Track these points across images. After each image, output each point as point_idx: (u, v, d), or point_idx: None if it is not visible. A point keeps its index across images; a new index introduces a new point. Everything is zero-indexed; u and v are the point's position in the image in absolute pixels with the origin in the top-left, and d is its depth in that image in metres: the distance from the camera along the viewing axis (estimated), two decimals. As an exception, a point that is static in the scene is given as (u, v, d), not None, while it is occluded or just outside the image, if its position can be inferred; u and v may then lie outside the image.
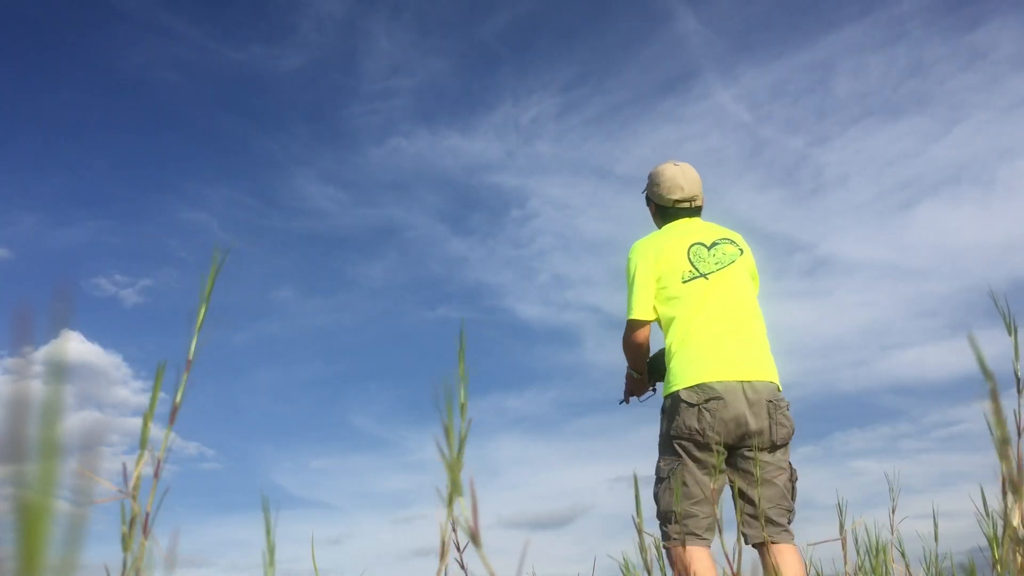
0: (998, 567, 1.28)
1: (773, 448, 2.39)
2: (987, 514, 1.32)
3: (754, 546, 2.35)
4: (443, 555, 0.71)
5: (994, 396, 0.55)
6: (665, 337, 2.59)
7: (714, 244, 2.66)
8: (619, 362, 2.83)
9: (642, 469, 2.50)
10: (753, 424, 2.35)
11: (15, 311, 0.33)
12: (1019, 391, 1.04)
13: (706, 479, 2.37)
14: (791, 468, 2.45)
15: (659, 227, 2.79)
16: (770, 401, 2.39)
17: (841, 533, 1.74)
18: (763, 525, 2.32)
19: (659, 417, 2.55)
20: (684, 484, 2.35)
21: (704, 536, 2.33)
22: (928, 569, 2.02)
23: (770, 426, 2.36)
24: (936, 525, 2.03)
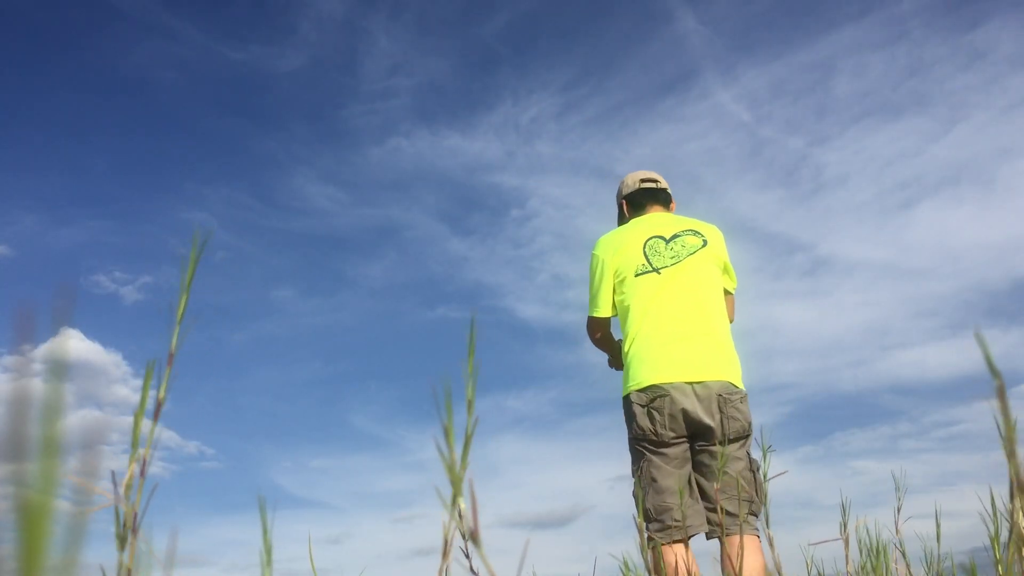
0: (1000, 567, 1.27)
1: (727, 442, 2.40)
2: (994, 514, 1.31)
3: (719, 539, 2.34)
4: (445, 555, 0.71)
5: (1001, 394, 0.54)
6: (622, 333, 2.62)
7: (674, 236, 2.62)
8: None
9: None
10: (705, 419, 2.37)
11: (16, 309, 0.32)
12: None
13: (674, 471, 2.39)
14: (749, 458, 2.44)
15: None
16: (720, 395, 2.39)
17: (843, 533, 1.74)
18: (721, 516, 2.32)
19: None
20: (653, 480, 2.37)
21: (682, 526, 2.33)
22: (929, 569, 2.02)
23: (721, 420, 2.38)
24: (938, 525, 2.03)
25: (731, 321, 2.73)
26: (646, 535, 2.37)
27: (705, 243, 2.61)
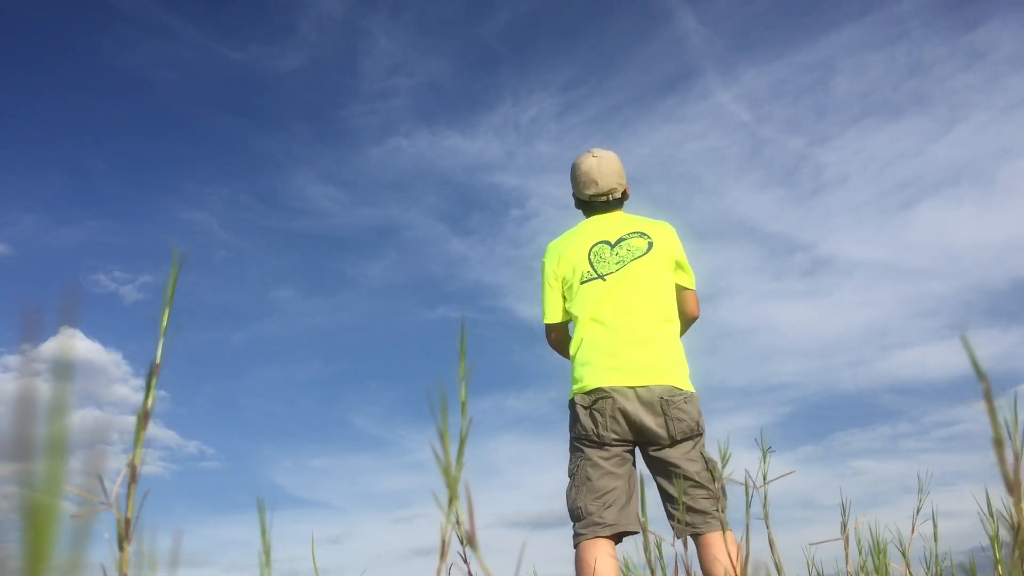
0: (999, 567, 1.28)
1: (675, 443, 2.37)
2: (991, 514, 1.32)
3: (691, 538, 2.32)
4: (443, 556, 0.71)
5: (988, 396, 0.54)
6: (572, 338, 2.61)
7: (620, 240, 2.61)
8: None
9: (643, 468, 2.50)
10: (649, 422, 2.36)
11: (20, 308, 0.32)
12: None
13: (613, 470, 2.38)
14: (704, 458, 2.41)
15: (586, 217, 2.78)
16: (662, 398, 2.37)
17: (843, 533, 1.74)
18: (691, 515, 2.29)
19: None
20: (588, 479, 2.37)
21: (610, 523, 2.31)
22: (929, 569, 2.02)
23: (666, 422, 2.36)
24: (936, 525, 2.03)
25: (695, 317, 2.70)
26: (574, 530, 2.36)
27: (651, 245, 2.59)
